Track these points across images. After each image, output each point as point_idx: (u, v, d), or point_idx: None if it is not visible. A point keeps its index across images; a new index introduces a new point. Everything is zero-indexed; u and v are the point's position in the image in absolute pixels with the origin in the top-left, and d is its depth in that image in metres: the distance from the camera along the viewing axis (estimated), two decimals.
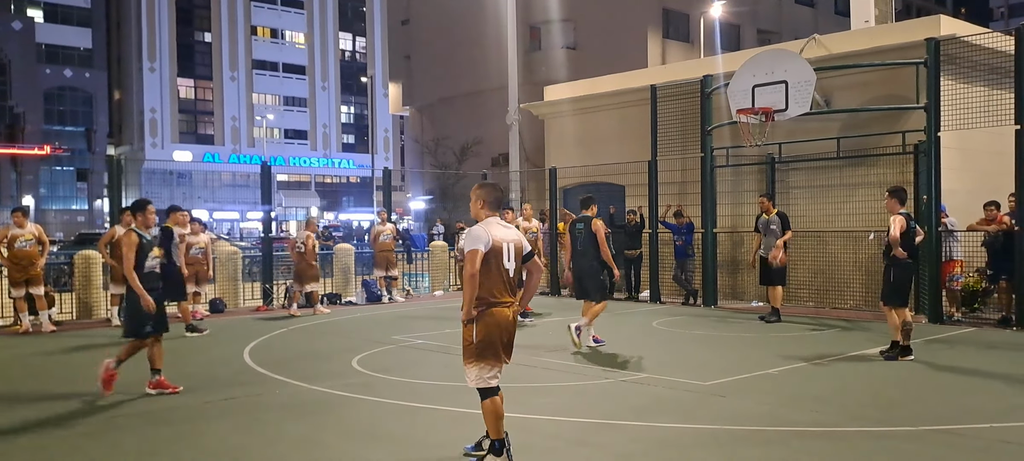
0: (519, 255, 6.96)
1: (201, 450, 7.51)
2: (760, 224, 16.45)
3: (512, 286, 6.90)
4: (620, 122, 23.10)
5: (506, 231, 6.97)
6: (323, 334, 15.35)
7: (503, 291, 6.83)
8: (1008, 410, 8.75)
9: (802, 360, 11.74)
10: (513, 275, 6.90)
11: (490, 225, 6.92)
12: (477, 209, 7.06)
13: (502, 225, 7.00)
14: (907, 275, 11.80)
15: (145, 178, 75.66)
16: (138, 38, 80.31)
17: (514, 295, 6.93)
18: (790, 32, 47.58)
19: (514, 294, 6.93)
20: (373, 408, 9.15)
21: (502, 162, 38.09)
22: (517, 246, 6.94)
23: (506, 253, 6.85)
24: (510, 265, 6.87)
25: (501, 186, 7.21)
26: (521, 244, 6.99)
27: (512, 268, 6.89)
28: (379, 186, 36.70)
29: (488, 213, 7.00)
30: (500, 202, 7.21)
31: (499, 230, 6.91)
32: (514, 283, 6.92)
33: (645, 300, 20.33)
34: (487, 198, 7.06)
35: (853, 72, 17.94)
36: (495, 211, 7.05)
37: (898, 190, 12.01)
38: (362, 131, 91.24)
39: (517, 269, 6.95)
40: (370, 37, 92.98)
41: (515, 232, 7.06)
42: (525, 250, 7.00)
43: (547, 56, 47.56)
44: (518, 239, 7.00)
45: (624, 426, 8.22)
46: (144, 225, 9.76)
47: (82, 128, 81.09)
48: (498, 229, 6.91)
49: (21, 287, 15.75)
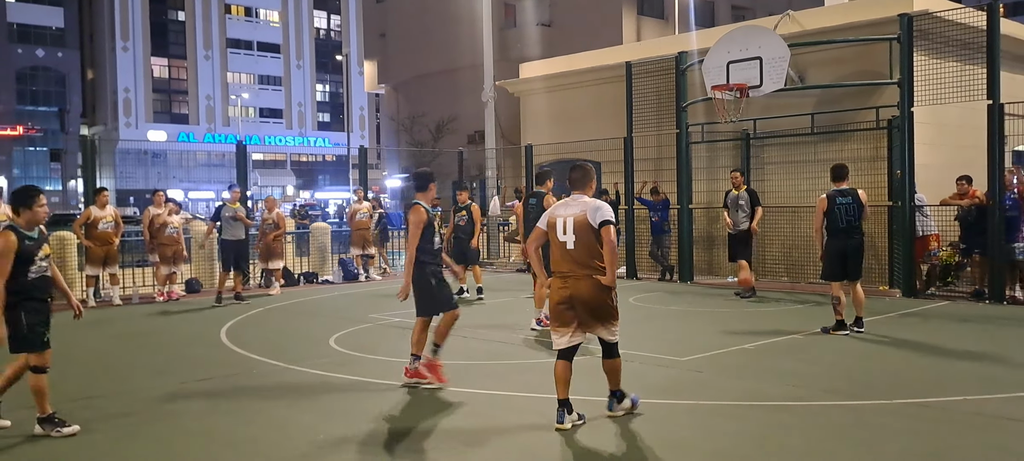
0: (578, 227, 7.32)
1: (178, 430, 7.50)
2: (729, 200, 16.49)
3: (573, 258, 7.36)
4: (595, 99, 23.11)
5: (567, 207, 7.49)
6: (300, 313, 15.33)
7: (560, 263, 7.43)
8: (982, 382, 8.84)
9: (778, 335, 11.81)
10: (574, 247, 7.33)
11: (557, 204, 7.71)
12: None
13: (566, 202, 7.58)
14: (831, 250, 11.85)
15: (119, 158, 75.23)
16: (111, 17, 79.68)
17: (581, 267, 7.33)
18: (764, 8, 47.54)
19: (581, 266, 7.33)
20: (350, 387, 9.15)
21: (478, 140, 37.99)
22: (578, 219, 7.33)
23: (561, 228, 7.40)
24: (565, 238, 7.36)
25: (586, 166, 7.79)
26: (584, 216, 7.32)
27: (570, 241, 7.33)
28: (355, 164, 36.60)
29: (576, 192, 7.59)
30: (577, 181, 7.64)
31: (560, 207, 7.57)
32: (578, 257, 7.34)
33: (621, 276, 20.38)
34: (569, 177, 7.69)
35: (827, 48, 18.01)
36: (576, 189, 7.59)
37: (836, 167, 12.21)
38: (337, 109, 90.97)
39: (581, 242, 7.32)
40: (345, 15, 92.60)
41: (577, 207, 7.41)
42: (596, 222, 7.29)
43: (522, 33, 47.39)
44: (579, 213, 7.35)
45: (602, 402, 8.25)
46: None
47: (55, 108, 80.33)
48: (559, 207, 7.59)
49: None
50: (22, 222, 7.54)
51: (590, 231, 7.31)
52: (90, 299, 16.43)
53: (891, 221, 16.61)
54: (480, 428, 7.50)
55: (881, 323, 12.63)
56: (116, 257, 17.10)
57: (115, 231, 16.78)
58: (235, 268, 17.05)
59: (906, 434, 7.05)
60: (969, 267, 15.85)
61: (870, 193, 16.90)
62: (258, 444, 7.11)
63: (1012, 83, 16.99)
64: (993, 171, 14.77)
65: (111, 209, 17.13)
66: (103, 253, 16.52)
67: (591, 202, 7.46)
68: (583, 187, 7.61)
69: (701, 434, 7.23)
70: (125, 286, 17.92)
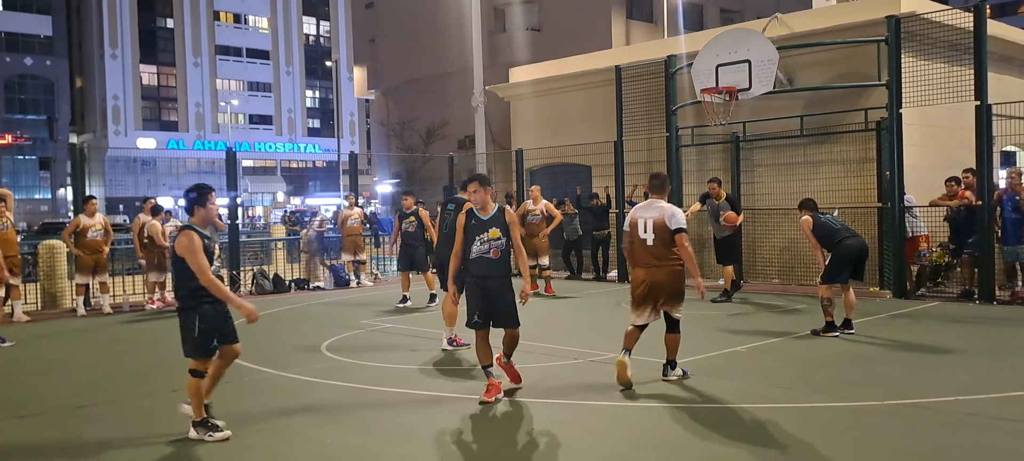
0: (657, 228, 8.83)
1: (168, 437, 7.48)
2: (710, 208, 16.45)
3: (652, 252, 8.88)
4: (585, 103, 23.14)
5: (647, 210, 9.01)
6: (291, 319, 15.31)
7: (639, 256, 9.02)
8: (972, 383, 8.87)
9: (769, 337, 11.84)
10: (653, 243, 8.86)
11: (639, 206, 9.21)
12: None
13: (647, 204, 9.12)
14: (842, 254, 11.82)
15: (108, 166, 75.09)
16: (99, 24, 79.47)
17: (658, 259, 8.86)
18: (753, 11, 47.70)
19: (658, 259, 8.86)
20: (342, 393, 9.15)
21: (468, 144, 38.01)
22: (656, 221, 8.84)
23: (641, 227, 8.94)
24: (646, 235, 8.89)
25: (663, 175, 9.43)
26: (661, 219, 8.83)
27: (650, 238, 8.86)
28: (345, 170, 36.58)
29: (654, 196, 9.18)
30: (656, 186, 9.23)
31: (642, 207, 9.12)
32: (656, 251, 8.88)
33: (613, 280, 20.40)
34: (649, 184, 9.35)
35: (815, 50, 18.07)
36: (655, 194, 9.19)
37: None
38: (327, 115, 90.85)
39: (658, 240, 8.83)
40: (334, 21, 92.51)
41: (655, 211, 8.93)
42: (672, 227, 8.80)
43: (511, 38, 47.42)
44: (658, 216, 8.86)
45: (594, 406, 8.27)
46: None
47: (44, 116, 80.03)
48: (641, 209, 9.10)
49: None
50: (197, 221, 7.44)
51: (666, 231, 8.80)
52: (80, 308, 16.39)
53: (881, 222, 16.66)
54: (471, 433, 7.50)
55: (872, 324, 12.66)
56: (106, 265, 16.96)
57: (104, 239, 16.60)
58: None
59: (899, 435, 7.07)
60: (959, 268, 15.90)
61: (860, 195, 17.09)
62: (253, 453, 7.10)
63: (999, 84, 17.08)
64: (982, 172, 14.82)
65: (100, 217, 16.94)
66: (92, 261, 16.35)
67: (668, 207, 8.94)
68: (660, 192, 9.18)
69: (694, 436, 7.24)
70: (115, 294, 17.85)
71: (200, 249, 7.12)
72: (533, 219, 18.23)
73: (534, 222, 18.16)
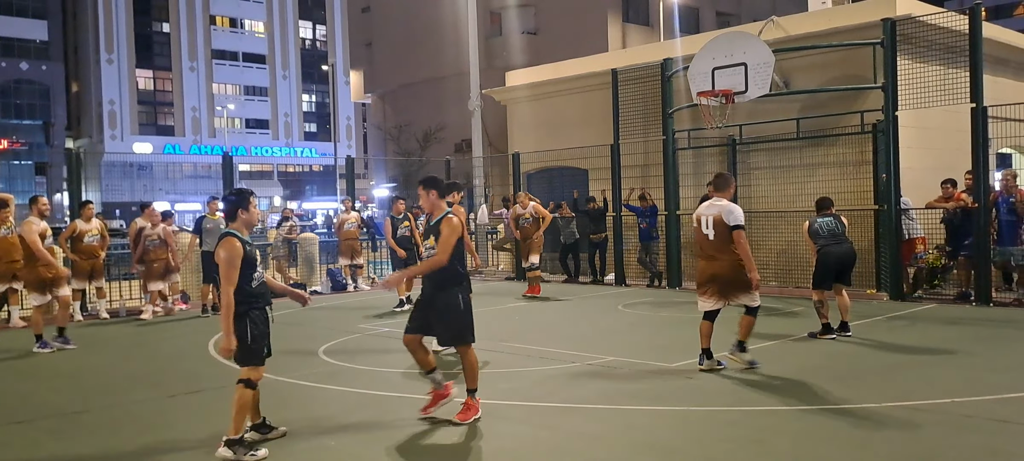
0: (717, 224, 9.63)
1: (168, 442, 7.47)
2: None
3: (713, 246, 9.72)
4: (582, 106, 23.15)
5: (709, 208, 9.86)
6: (289, 324, 15.28)
7: (704, 249, 9.89)
8: (969, 385, 8.88)
9: (767, 340, 11.83)
10: (714, 238, 9.67)
11: (703, 205, 10.16)
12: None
13: (710, 203, 9.98)
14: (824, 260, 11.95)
15: (105, 171, 74.83)
16: (95, 29, 79.44)
17: (718, 253, 9.67)
18: (749, 14, 47.76)
19: (718, 252, 9.67)
20: (340, 397, 9.15)
21: (465, 148, 37.98)
22: (715, 217, 9.65)
23: (704, 223, 9.81)
24: (707, 231, 9.74)
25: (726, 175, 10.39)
26: (720, 216, 9.61)
27: (711, 234, 9.70)
28: (342, 174, 36.57)
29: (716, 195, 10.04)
30: (718, 185, 10.10)
31: (704, 205, 10.06)
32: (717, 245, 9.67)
33: (610, 283, 20.41)
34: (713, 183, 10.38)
35: (811, 53, 18.09)
36: (717, 193, 10.02)
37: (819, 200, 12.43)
38: (324, 119, 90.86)
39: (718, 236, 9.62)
40: (330, 25, 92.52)
41: (716, 208, 9.73)
42: (730, 224, 9.54)
43: (508, 41, 47.43)
44: (718, 213, 9.66)
45: (591, 409, 8.27)
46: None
47: (40, 121, 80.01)
48: (704, 207, 10.00)
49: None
50: (239, 226, 7.26)
51: (726, 227, 9.57)
52: (77, 313, 16.34)
53: (877, 225, 16.67)
54: (469, 434, 7.50)
55: (869, 326, 12.68)
56: (102, 271, 16.87)
57: (101, 244, 16.47)
58: (213, 280, 16.88)
59: (897, 437, 7.08)
60: (955, 269, 15.91)
61: (856, 197, 17.08)
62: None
63: (995, 86, 17.12)
64: (978, 174, 14.84)
65: (97, 222, 16.66)
66: (89, 267, 16.23)
67: (727, 205, 9.71)
68: (722, 191, 9.99)
69: (692, 440, 7.25)
70: (112, 300, 17.80)
71: (238, 259, 7.01)
72: (525, 223, 18.61)
73: (526, 225, 18.54)
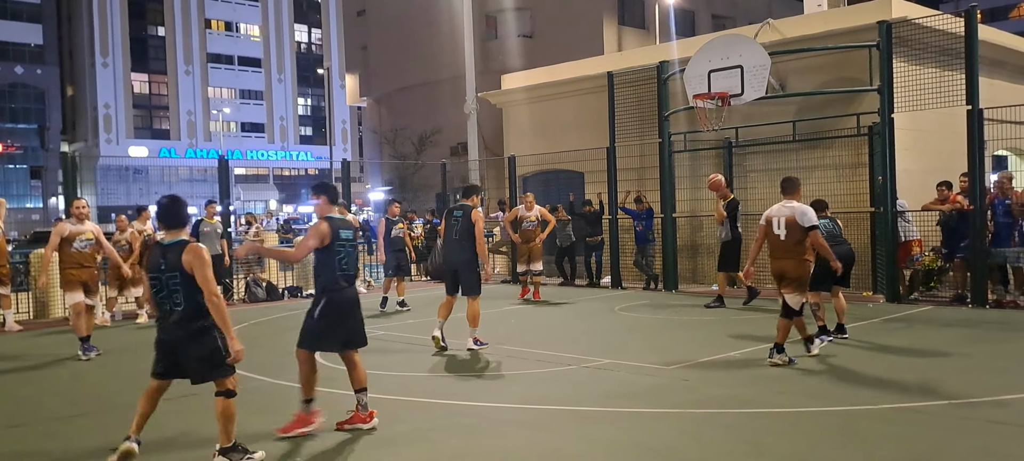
0: (788, 225, 10.23)
1: (167, 445, 7.46)
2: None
3: (783, 245, 10.33)
4: (578, 109, 23.15)
5: (780, 209, 10.43)
6: (284, 328, 15.26)
7: (774, 249, 10.45)
8: (966, 386, 8.88)
9: (763, 342, 11.81)
10: (785, 238, 10.29)
11: (774, 207, 10.60)
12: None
13: (781, 205, 10.50)
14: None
15: (100, 175, 74.88)
16: (90, 33, 79.36)
17: (787, 252, 10.29)
18: (744, 17, 47.81)
19: (788, 251, 10.29)
20: (336, 401, 9.12)
21: (461, 151, 38.01)
22: (787, 218, 10.27)
23: (775, 224, 10.37)
24: (779, 231, 10.32)
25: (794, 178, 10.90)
26: (793, 217, 10.23)
27: (783, 234, 10.28)
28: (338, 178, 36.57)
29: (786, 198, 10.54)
30: (787, 188, 10.62)
31: (776, 207, 10.54)
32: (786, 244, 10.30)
33: (607, 286, 20.40)
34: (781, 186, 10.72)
35: (807, 56, 18.09)
36: (787, 195, 10.54)
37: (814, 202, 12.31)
38: (319, 123, 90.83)
39: (789, 236, 10.24)
40: (326, 28, 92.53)
41: (788, 210, 10.33)
42: (804, 225, 10.17)
43: (503, 44, 47.41)
44: (790, 214, 10.27)
45: (589, 412, 8.26)
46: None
47: (35, 125, 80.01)
48: (776, 208, 10.52)
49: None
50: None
51: (798, 228, 10.17)
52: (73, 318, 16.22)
53: (873, 227, 16.68)
54: (469, 438, 7.49)
55: (865, 329, 12.68)
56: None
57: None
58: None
59: (894, 438, 7.08)
60: (951, 272, 15.93)
61: (852, 199, 17.08)
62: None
63: (990, 88, 17.14)
64: (974, 176, 14.85)
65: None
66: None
67: (799, 207, 10.34)
68: (791, 193, 10.54)
69: (689, 441, 7.25)
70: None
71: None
72: (528, 225, 18.33)
73: (529, 229, 18.28)
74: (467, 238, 11.75)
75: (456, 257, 11.90)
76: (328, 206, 8.08)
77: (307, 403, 7.84)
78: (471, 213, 11.79)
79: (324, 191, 8.12)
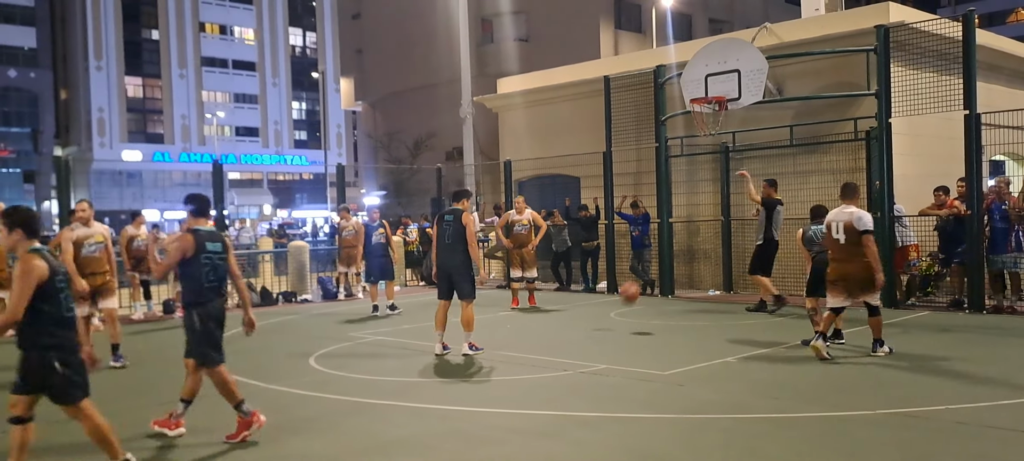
0: (847, 229, 10.71)
1: (159, 449, 7.38)
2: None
3: (843, 249, 10.80)
4: (574, 114, 23.11)
5: (839, 214, 10.92)
6: (280, 332, 15.21)
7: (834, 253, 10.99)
8: (963, 391, 8.85)
9: (760, 347, 11.80)
10: (844, 242, 10.76)
11: (833, 211, 11.13)
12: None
13: (839, 209, 10.98)
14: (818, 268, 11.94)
15: (94, 179, 74.78)
16: (84, 36, 79.18)
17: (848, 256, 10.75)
18: (742, 21, 47.87)
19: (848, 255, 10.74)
20: (331, 406, 9.06)
21: (456, 156, 38.01)
22: (846, 223, 10.73)
23: (834, 228, 10.90)
24: (838, 236, 10.84)
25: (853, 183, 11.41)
26: (850, 222, 10.69)
27: (842, 238, 10.78)
28: (333, 182, 36.46)
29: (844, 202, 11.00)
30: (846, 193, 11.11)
31: (835, 212, 11.05)
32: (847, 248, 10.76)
33: (602, 291, 20.35)
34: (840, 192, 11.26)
35: (805, 60, 18.06)
36: (845, 200, 11.01)
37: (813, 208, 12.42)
38: (314, 127, 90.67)
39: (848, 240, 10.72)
40: (321, 32, 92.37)
41: (846, 215, 10.81)
42: (859, 229, 10.63)
43: (499, 49, 47.47)
44: (847, 219, 10.74)
45: (584, 417, 8.21)
46: None
47: (28, 129, 79.81)
48: (834, 213, 11.04)
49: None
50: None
51: (856, 232, 10.62)
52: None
53: None
54: (464, 444, 7.43)
55: (862, 334, 12.60)
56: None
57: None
58: None
59: (891, 444, 7.03)
60: (948, 277, 15.89)
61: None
62: None
63: (988, 93, 17.12)
64: (971, 181, 14.82)
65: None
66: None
67: (857, 212, 10.78)
68: (851, 198, 11.01)
69: (685, 447, 7.20)
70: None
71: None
72: (520, 230, 17.84)
73: (522, 233, 17.83)
74: (460, 242, 11.78)
75: (450, 262, 11.93)
76: (194, 218, 8.01)
77: (239, 407, 7.76)
78: (462, 217, 11.83)
79: (193, 202, 8.09)
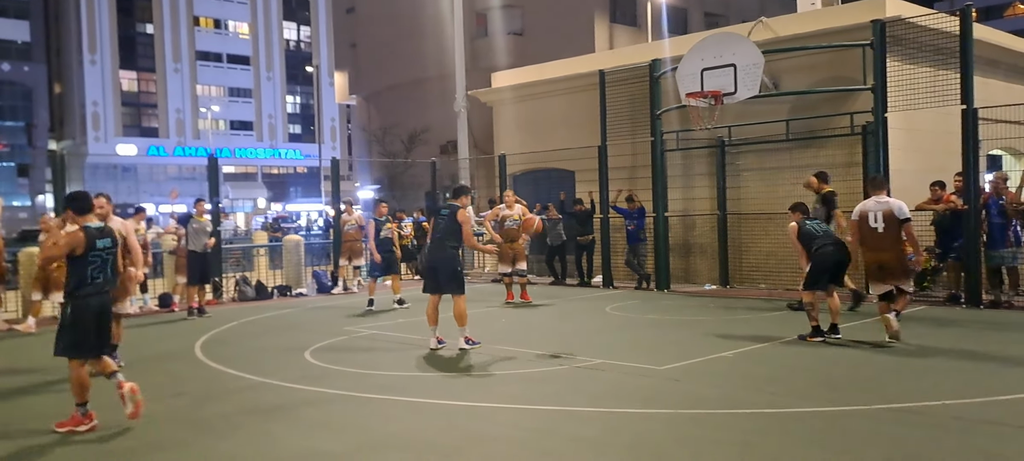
0: (886, 218, 11.14)
1: (152, 446, 7.35)
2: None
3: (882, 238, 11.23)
4: (569, 107, 23.07)
5: (875, 205, 11.36)
6: (276, 327, 15.18)
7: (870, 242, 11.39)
8: (960, 387, 8.84)
9: (756, 342, 11.78)
10: (883, 231, 11.19)
11: (867, 201, 11.62)
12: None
13: (874, 200, 11.44)
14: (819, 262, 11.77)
15: (89, 173, 74.63)
16: (78, 30, 79.00)
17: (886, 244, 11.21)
18: (737, 15, 47.83)
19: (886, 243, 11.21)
20: (326, 400, 9.03)
21: (451, 150, 37.94)
22: (885, 212, 11.16)
23: (872, 218, 11.27)
24: (876, 225, 11.24)
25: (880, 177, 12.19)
26: (890, 211, 11.15)
27: (880, 227, 11.20)
28: (327, 176, 36.42)
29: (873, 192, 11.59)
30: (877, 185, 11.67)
31: (870, 202, 11.49)
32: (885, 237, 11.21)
33: (598, 286, 20.33)
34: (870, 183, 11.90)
35: (801, 54, 18.05)
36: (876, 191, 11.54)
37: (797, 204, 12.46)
38: (308, 121, 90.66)
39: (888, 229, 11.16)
40: (315, 26, 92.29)
41: (883, 204, 11.24)
42: (900, 218, 11.10)
43: (494, 42, 47.35)
44: (886, 208, 11.17)
45: (580, 412, 8.19)
46: None
47: (22, 123, 79.64)
48: (870, 201, 11.52)
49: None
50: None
51: (896, 221, 11.06)
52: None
53: None
54: (459, 440, 7.40)
55: (858, 329, 12.62)
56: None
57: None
58: (201, 281, 16.67)
59: (887, 439, 7.01)
60: (945, 272, 15.88)
61: (845, 199, 16.96)
62: (237, 459, 6.98)
63: (985, 88, 17.10)
64: (968, 176, 14.81)
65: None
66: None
67: (895, 202, 11.27)
68: (880, 190, 11.50)
69: (680, 442, 7.17)
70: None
71: None
72: (511, 224, 17.72)
73: (512, 227, 17.69)
74: (450, 237, 11.74)
75: (436, 256, 11.94)
76: (75, 216, 8.11)
77: (82, 404, 7.92)
78: (457, 213, 11.78)
79: (71, 202, 8.22)
